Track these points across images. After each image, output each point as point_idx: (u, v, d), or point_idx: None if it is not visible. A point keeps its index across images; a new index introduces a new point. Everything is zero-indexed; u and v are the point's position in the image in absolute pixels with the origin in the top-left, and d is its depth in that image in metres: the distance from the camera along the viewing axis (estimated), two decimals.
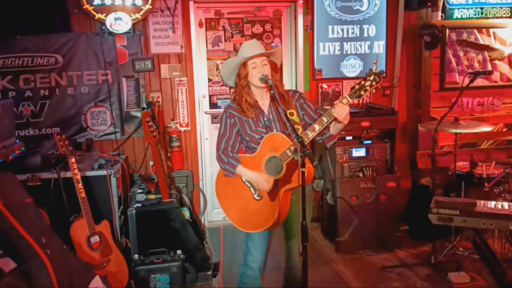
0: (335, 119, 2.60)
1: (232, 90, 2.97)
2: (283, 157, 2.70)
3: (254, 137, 2.82)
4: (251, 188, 2.81)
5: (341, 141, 4.44)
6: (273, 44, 5.09)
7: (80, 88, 4.60)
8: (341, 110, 2.55)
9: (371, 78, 2.54)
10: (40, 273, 2.59)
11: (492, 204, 2.70)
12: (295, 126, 2.63)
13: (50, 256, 2.65)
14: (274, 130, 2.81)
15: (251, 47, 2.80)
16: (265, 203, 2.77)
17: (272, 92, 2.66)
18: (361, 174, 4.46)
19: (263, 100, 2.88)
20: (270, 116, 2.84)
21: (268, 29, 5.09)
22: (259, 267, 2.95)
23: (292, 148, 2.64)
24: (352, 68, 5.09)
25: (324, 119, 2.62)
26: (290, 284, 3.06)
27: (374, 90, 2.67)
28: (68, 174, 3.60)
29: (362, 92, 2.56)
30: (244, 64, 2.77)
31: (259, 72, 2.74)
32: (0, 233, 2.59)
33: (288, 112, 2.76)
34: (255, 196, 2.80)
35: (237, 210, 2.85)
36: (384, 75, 2.60)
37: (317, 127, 2.64)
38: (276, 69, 2.92)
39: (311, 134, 2.66)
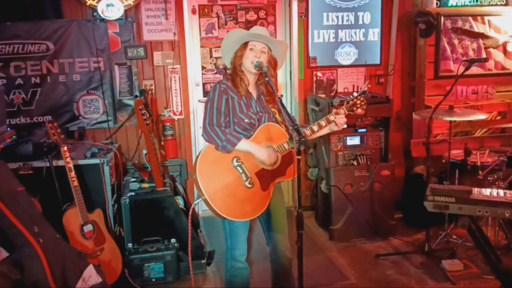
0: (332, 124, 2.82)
1: (229, 71, 2.90)
2: (280, 148, 2.73)
3: (243, 120, 2.73)
4: (243, 174, 2.66)
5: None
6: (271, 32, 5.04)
7: (72, 76, 4.54)
8: (343, 120, 2.80)
9: (361, 98, 2.85)
10: (32, 262, 2.56)
11: (487, 191, 2.70)
12: (280, 124, 2.76)
13: (43, 245, 2.62)
14: (263, 120, 2.78)
15: (258, 30, 2.79)
16: (256, 191, 2.69)
17: (267, 79, 2.64)
18: (355, 163, 4.46)
19: (253, 89, 2.85)
20: (258, 107, 2.81)
21: (262, 16, 5.04)
22: (245, 257, 2.90)
23: (288, 140, 2.63)
24: (347, 56, 5.06)
25: (322, 123, 2.78)
26: (280, 274, 3.02)
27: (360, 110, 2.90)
28: (60, 163, 3.56)
29: (354, 108, 2.85)
30: (245, 44, 2.74)
31: (255, 56, 2.72)
32: None
33: (272, 110, 2.83)
34: (246, 183, 2.66)
35: (223, 195, 2.61)
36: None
37: (315, 128, 2.77)
38: (275, 67, 2.85)
39: (309, 133, 2.76)
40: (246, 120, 2.73)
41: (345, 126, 2.90)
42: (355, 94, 2.85)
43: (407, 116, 5.16)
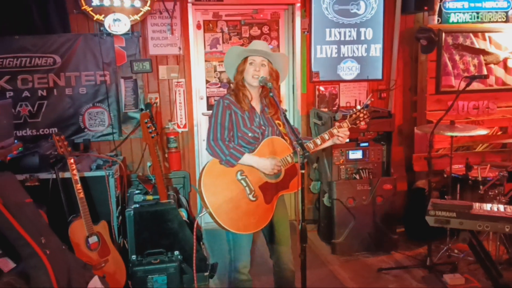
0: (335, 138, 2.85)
1: (231, 86, 2.96)
2: (283, 162, 2.76)
3: (247, 134, 2.78)
4: (246, 188, 2.71)
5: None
6: (270, 46, 5.12)
7: (78, 89, 4.60)
8: (346, 134, 2.84)
9: (364, 111, 2.88)
10: (39, 273, 2.59)
11: (488, 206, 2.74)
12: (284, 137, 2.82)
13: (50, 256, 2.66)
14: (267, 134, 2.83)
15: (256, 45, 2.84)
16: (259, 204, 2.73)
17: (271, 94, 2.70)
18: (357, 176, 4.50)
19: (256, 103, 2.89)
20: (262, 121, 2.86)
21: (266, 31, 5.12)
22: (248, 269, 2.93)
23: (292, 154, 2.67)
24: (349, 71, 5.12)
25: (325, 136, 2.82)
26: (283, 286, 3.04)
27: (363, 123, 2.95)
28: (66, 175, 3.61)
29: (357, 122, 2.89)
30: (245, 59, 2.80)
31: (254, 70, 2.77)
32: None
33: (276, 122, 2.88)
34: (250, 196, 2.71)
35: (227, 208, 2.66)
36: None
37: (318, 141, 2.81)
38: (277, 79, 2.90)
39: (312, 147, 2.80)
40: (249, 134, 2.78)
41: (347, 140, 2.93)
42: (358, 107, 2.89)
43: (409, 131, 5.21)
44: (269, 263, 3.07)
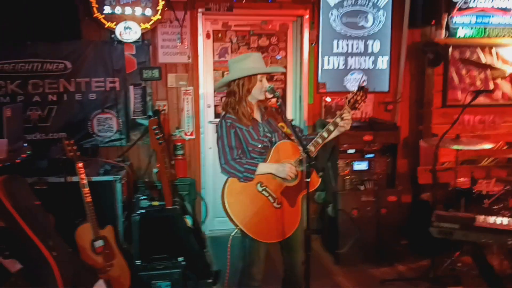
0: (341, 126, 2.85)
1: (223, 101, 2.97)
2: (297, 163, 2.80)
3: (257, 146, 2.84)
4: (269, 197, 2.77)
5: (343, 154, 4.50)
6: (278, 57, 5.18)
7: (88, 95, 4.66)
8: (349, 119, 2.85)
9: (360, 93, 2.85)
10: (46, 275, 2.63)
11: (491, 219, 2.75)
12: (290, 138, 2.87)
13: (56, 258, 2.70)
14: (274, 140, 2.88)
15: (259, 61, 2.89)
16: (285, 210, 2.81)
17: (279, 103, 2.75)
18: (362, 188, 4.51)
19: (256, 113, 2.94)
20: (265, 128, 2.90)
21: (274, 42, 5.18)
22: (262, 276, 2.96)
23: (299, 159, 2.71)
24: (356, 82, 5.16)
25: (331, 127, 2.83)
26: None
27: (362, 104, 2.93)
28: (75, 179, 3.64)
29: (356, 105, 2.87)
30: (252, 76, 2.83)
31: (264, 85, 2.84)
32: (8, 234, 2.64)
33: (279, 125, 2.93)
34: (275, 204, 2.78)
35: (256, 221, 2.75)
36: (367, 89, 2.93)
37: (325, 134, 2.82)
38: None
39: (321, 141, 2.82)
40: (259, 146, 2.84)
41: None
42: (354, 90, 2.89)
43: (415, 143, 5.22)
44: (278, 270, 3.08)
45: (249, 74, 2.82)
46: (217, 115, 5.17)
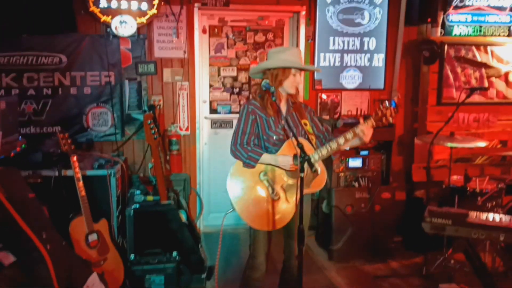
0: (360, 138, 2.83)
1: (253, 88, 3.02)
2: (308, 169, 2.77)
3: (272, 137, 2.92)
4: (269, 187, 2.86)
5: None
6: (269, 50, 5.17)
7: (83, 89, 4.65)
8: (369, 132, 2.80)
9: (391, 109, 2.77)
10: (39, 267, 2.63)
11: (484, 215, 2.77)
12: (310, 136, 2.93)
13: (50, 251, 2.69)
14: (291, 134, 2.87)
15: (297, 56, 2.96)
16: (281, 204, 2.88)
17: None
18: (356, 184, 4.53)
19: (283, 105, 2.99)
20: (287, 122, 2.95)
21: (271, 38, 5.17)
22: (265, 267, 3.06)
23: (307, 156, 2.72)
24: (351, 79, 5.17)
25: (348, 135, 2.81)
26: (289, 283, 3.14)
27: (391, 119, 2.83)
28: (69, 173, 3.65)
29: (384, 119, 2.78)
30: (287, 69, 2.89)
31: (296, 80, 2.92)
32: (1, 226, 2.63)
33: (302, 121, 2.98)
34: (273, 195, 2.86)
35: (251, 207, 2.86)
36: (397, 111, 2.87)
37: (341, 141, 2.83)
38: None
39: (335, 147, 2.83)
40: (274, 137, 2.91)
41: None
42: (386, 103, 2.82)
43: (409, 141, 5.24)
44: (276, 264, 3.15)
45: (284, 66, 2.89)
46: (212, 111, 5.18)
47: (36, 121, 4.58)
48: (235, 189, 2.88)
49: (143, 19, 4.57)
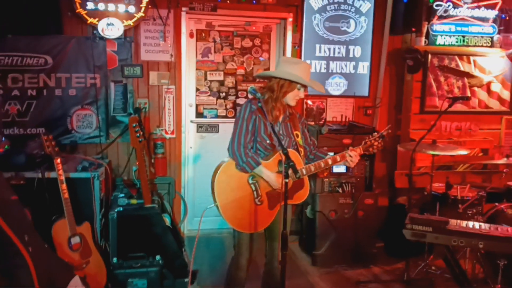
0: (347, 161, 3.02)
1: (266, 90, 3.02)
2: (292, 175, 2.83)
3: (265, 140, 2.95)
4: (255, 192, 2.91)
5: None
6: (261, 58, 5.21)
7: (68, 90, 4.62)
8: (356, 159, 2.99)
9: (379, 141, 3.08)
10: (21, 271, 2.58)
11: (464, 223, 2.82)
12: (299, 148, 3.01)
13: (32, 254, 2.65)
14: (283, 143, 2.95)
15: (307, 72, 2.99)
16: (263, 209, 2.93)
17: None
18: (340, 190, 4.57)
19: (280, 114, 3.03)
20: (281, 130, 3.00)
21: (258, 43, 5.21)
22: (247, 265, 3.11)
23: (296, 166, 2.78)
24: (336, 86, 5.22)
25: (338, 158, 3.00)
26: (270, 286, 3.19)
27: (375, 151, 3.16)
28: (52, 175, 3.62)
29: (370, 149, 3.09)
30: (293, 82, 2.93)
31: (299, 95, 2.97)
32: None
33: (295, 132, 3.04)
34: (256, 200, 2.91)
35: (234, 207, 2.89)
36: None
37: (330, 161, 2.98)
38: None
39: (323, 166, 2.99)
40: (267, 141, 2.94)
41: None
42: (375, 134, 3.08)
43: (392, 148, 5.31)
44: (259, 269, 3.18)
45: (292, 80, 2.91)
46: (198, 115, 5.19)
47: (20, 122, 4.54)
48: (222, 187, 2.89)
49: (130, 22, 4.57)
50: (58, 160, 3.48)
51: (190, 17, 4.94)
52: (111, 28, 4.50)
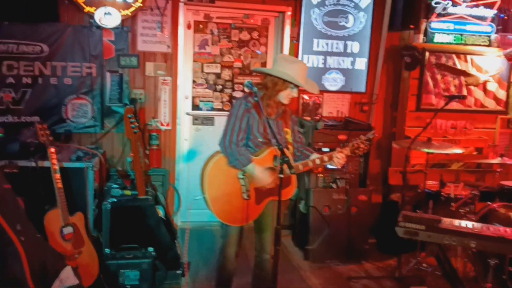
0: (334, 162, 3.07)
1: (260, 87, 3.02)
2: (286, 170, 2.85)
3: (257, 138, 2.97)
4: (243, 187, 2.93)
5: (318, 152, 4.52)
6: (258, 52, 5.19)
7: (63, 79, 4.59)
8: (343, 160, 3.04)
9: (366, 143, 3.11)
10: (13, 260, 2.59)
11: (456, 222, 2.83)
12: (288, 145, 3.05)
13: (24, 243, 2.66)
14: (273, 141, 2.94)
15: (303, 73, 3.02)
16: (250, 204, 2.95)
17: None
18: (334, 186, 4.58)
19: (273, 111, 3.04)
20: (274, 128, 2.99)
21: (255, 37, 5.18)
22: (235, 255, 3.15)
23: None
24: (334, 82, 5.22)
25: (325, 158, 3.06)
26: (261, 278, 3.21)
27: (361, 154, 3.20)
28: (46, 164, 3.59)
29: (357, 151, 3.11)
30: (287, 81, 2.93)
31: (292, 94, 2.99)
32: None
33: (285, 130, 3.09)
34: (244, 195, 2.93)
35: (222, 200, 2.93)
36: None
37: (318, 162, 3.04)
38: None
39: (311, 165, 3.04)
40: (260, 139, 2.97)
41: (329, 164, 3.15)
42: (362, 137, 3.10)
43: (387, 145, 5.32)
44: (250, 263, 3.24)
45: (285, 79, 2.92)
46: (194, 107, 5.17)
47: (14, 110, 4.50)
48: (212, 180, 2.92)
49: (128, 12, 4.54)
50: (52, 150, 3.45)
51: (188, 8, 4.90)
52: (108, 17, 4.47)
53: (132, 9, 4.54)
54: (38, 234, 2.96)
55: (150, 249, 3.80)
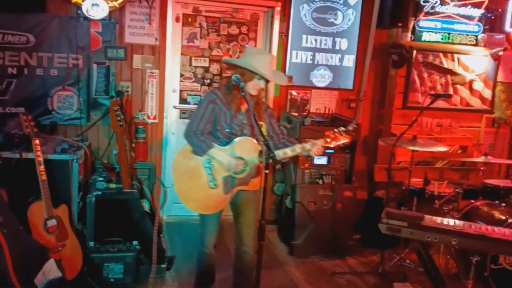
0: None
1: (224, 80, 3.06)
2: (250, 162, 2.98)
3: (225, 129, 2.99)
4: (210, 176, 2.96)
5: None
6: (247, 46, 5.18)
7: (49, 70, 4.53)
8: (319, 150, 3.09)
9: (345, 136, 3.13)
10: None
11: (439, 219, 2.86)
12: (260, 137, 2.95)
13: (6, 236, 2.64)
14: (245, 132, 3.02)
15: (268, 64, 3.02)
16: (218, 193, 3.00)
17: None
18: (320, 182, 4.60)
19: (243, 104, 3.04)
20: (244, 120, 3.04)
21: (244, 31, 5.17)
22: (213, 244, 3.20)
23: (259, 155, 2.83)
24: (321, 78, 5.23)
25: (298, 149, 3.06)
26: (242, 271, 3.25)
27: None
28: (30, 155, 3.56)
29: (334, 143, 3.13)
30: (251, 71, 2.95)
31: (259, 85, 3.00)
32: None
33: (260, 122, 3.01)
34: (211, 184, 2.97)
35: (189, 189, 2.99)
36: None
37: (289, 152, 3.02)
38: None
39: (282, 155, 3.01)
40: (227, 130, 2.99)
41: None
42: (341, 128, 3.14)
43: (374, 142, 5.35)
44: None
45: (249, 69, 2.94)
46: (182, 100, 5.15)
47: None
48: (178, 167, 3.02)
49: (116, 3, 4.50)
50: (37, 141, 3.42)
51: (176, 1, 4.87)
52: (95, 9, 4.42)
53: (120, 0, 4.49)
54: (21, 226, 2.94)
55: (135, 242, 3.79)
